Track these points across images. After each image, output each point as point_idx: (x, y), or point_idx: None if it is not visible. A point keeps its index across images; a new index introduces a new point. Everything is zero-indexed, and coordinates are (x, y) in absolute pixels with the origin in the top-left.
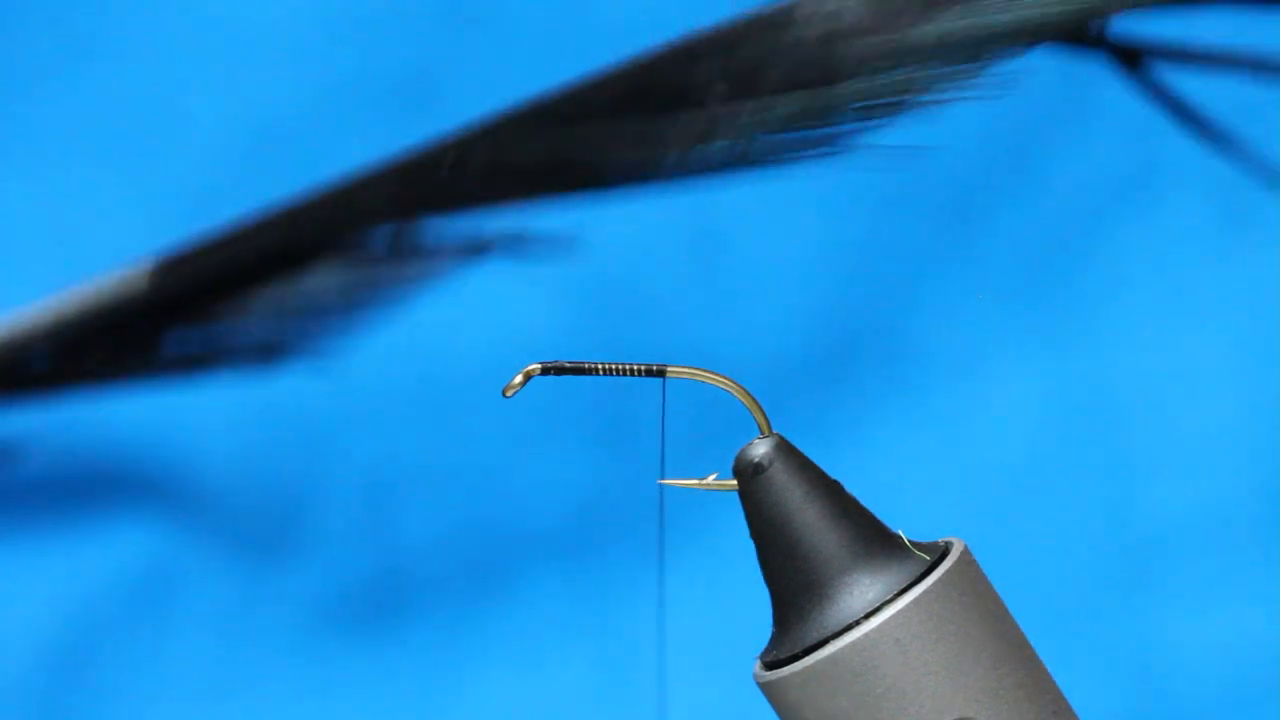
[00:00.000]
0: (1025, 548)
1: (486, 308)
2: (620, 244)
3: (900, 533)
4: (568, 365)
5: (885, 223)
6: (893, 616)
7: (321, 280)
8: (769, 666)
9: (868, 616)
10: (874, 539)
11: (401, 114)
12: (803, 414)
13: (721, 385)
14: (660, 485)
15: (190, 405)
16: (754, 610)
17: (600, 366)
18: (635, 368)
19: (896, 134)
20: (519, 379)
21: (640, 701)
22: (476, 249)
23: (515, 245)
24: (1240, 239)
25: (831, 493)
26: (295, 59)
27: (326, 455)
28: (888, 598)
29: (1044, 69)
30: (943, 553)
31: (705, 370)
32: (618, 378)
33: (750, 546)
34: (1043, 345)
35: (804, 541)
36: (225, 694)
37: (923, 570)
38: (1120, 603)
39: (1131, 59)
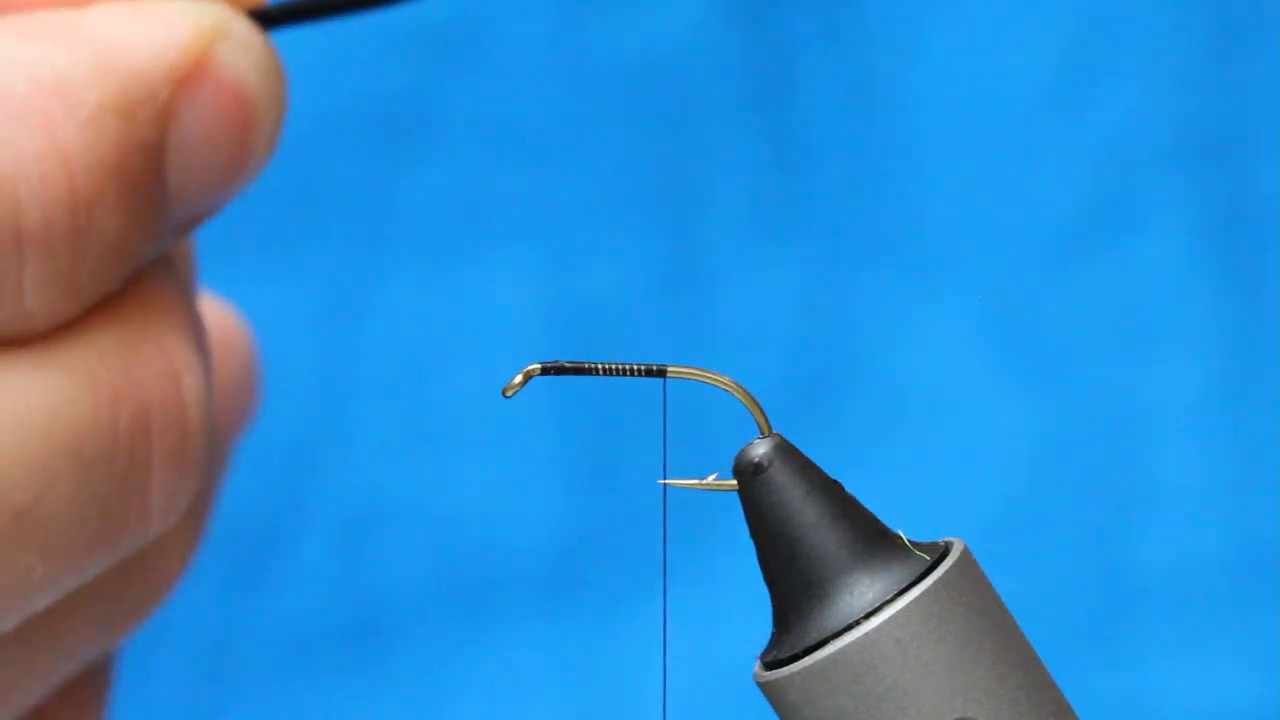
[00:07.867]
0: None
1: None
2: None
3: (900, 533)
4: (568, 365)
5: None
6: (893, 616)
7: None
8: (769, 666)
9: (868, 616)
10: (874, 539)
11: None
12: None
13: (721, 385)
14: (660, 485)
15: None
16: (754, 610)
17: (600, 366)
18: (635, 368)
19: None
20: (519, 378)
21: (639, 703)
22: None
23: None
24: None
25: (831, 493)
26: None
27: (324, 464)
28: (888, 598)
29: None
30: (943, 553)
31: (705, 370)
32: (618, 378)
33: (750, 546)
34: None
35: (804, 541)
36: None
37: (923, 570)
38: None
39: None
